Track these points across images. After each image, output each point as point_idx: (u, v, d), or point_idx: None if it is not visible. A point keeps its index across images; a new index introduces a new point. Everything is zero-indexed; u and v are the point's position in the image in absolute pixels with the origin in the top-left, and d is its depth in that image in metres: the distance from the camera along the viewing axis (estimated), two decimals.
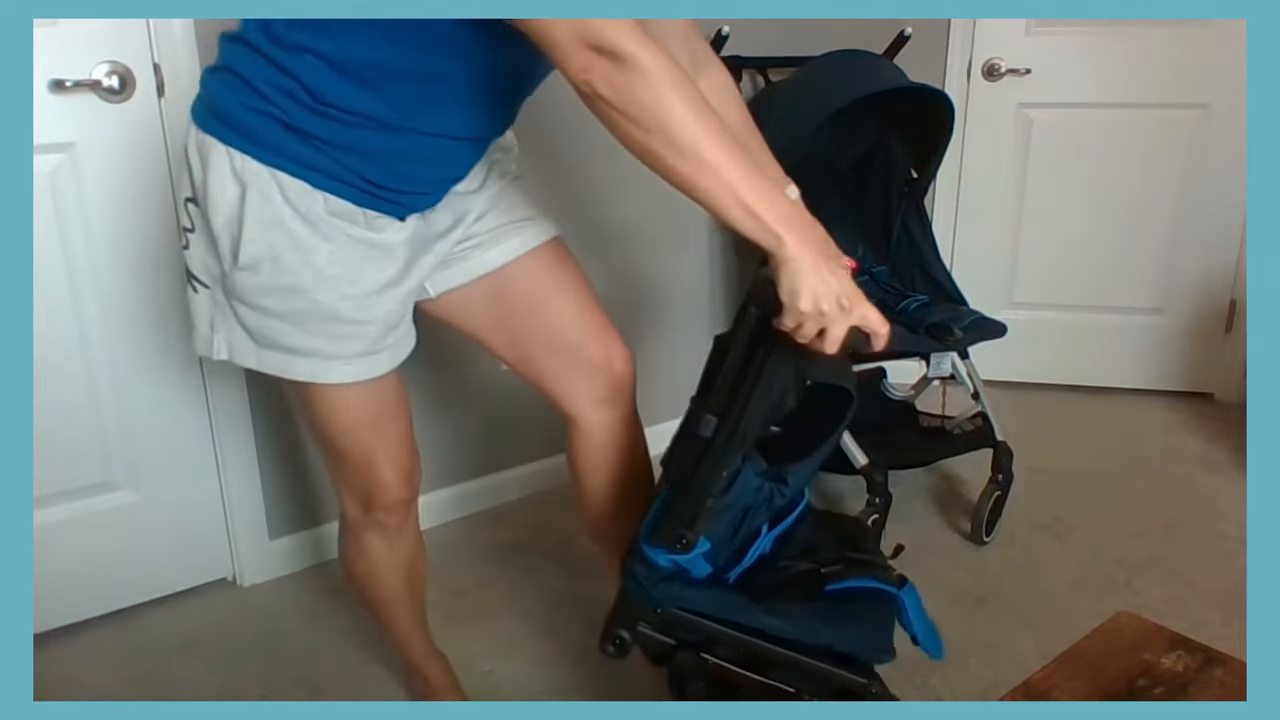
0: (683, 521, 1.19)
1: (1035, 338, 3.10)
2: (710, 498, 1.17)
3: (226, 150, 1.17)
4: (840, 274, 1.07)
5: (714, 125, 1.04)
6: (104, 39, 1.77)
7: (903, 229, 2.53)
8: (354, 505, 1.46)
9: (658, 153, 1.03)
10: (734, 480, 1.17)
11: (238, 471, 2.11)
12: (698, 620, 1.25)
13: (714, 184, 1.04)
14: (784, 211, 1.06)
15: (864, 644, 1.28)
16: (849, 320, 1.07)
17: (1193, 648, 1.17)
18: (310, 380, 1.28)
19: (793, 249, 1.05)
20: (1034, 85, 2.94)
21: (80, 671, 1.90)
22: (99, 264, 1.87)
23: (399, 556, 1.53)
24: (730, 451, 1.16)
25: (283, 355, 1.26)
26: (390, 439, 1.39)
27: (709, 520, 1.19)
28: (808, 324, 1.08)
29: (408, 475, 1.43)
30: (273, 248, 1.19)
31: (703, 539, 1.20)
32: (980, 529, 2.29)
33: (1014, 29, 2.91)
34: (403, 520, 1.48)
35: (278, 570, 2.21)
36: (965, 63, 2.96)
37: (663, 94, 1.01)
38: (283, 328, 1.24)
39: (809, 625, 1.25)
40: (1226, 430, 2.88)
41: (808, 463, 1.25)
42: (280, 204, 1.17)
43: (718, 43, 2.48)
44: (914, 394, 2.60)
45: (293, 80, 1.14)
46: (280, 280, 1.20)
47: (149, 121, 1.83)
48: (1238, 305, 3.00)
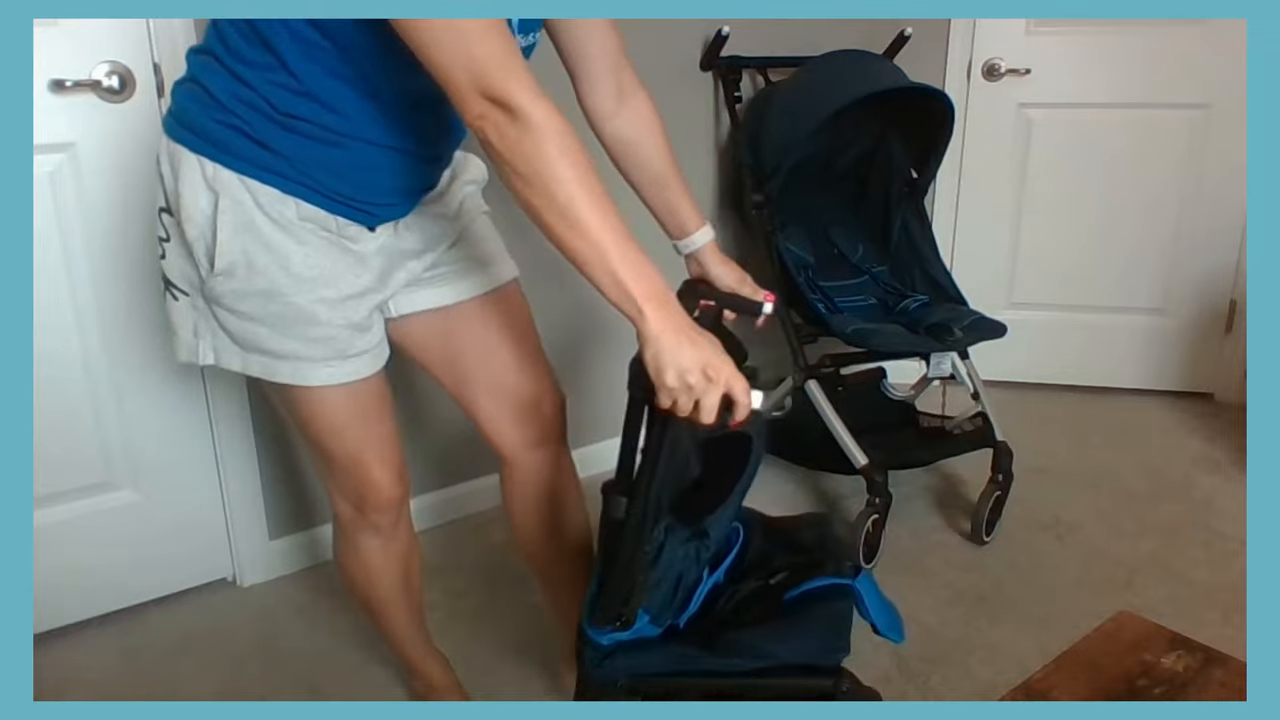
0: (617, 602, 1.21)
1: (1035, 338, 3.10)
2: (639, 575, 1.19)
3: (197, 159, 1.20)
4: (703, 344, 1.08)
5: (594, 190, 1.05)
6: (104, 39, 1.77)
7: (903, 229, 2.53)
8: (346, 506, 1.47)
9: (537, 208, 1.05)
10: (658, 555, 1.18)
11: (238, 471, 2.11)
12: (656, 679, 1.27)
13: (586, 247, 1.05)
14: (649, 286, 1.06)
15: (818, 649, 1.28)
16: (718, 389, 1.08)
17: (1193, 648, 1.17)
18: (291, 383, 1.29)
19: (653, 324, 1.06)
20: (1034, 85, 2.94)
21: (80, 671, 1.90)
22: (99, 263, 1.87)
23: (393, 555, 1.54)
24: (646, 529, 1.17)
25: (265, 358, 1.28)
26: (376, 439, 1.40)
27: (642, 595, 1.20)
28: (680, 398, 1.08)
29: (398, 474, 1.45)
30: (247, 253, 1.21)
31: (640, 611, 1.21)
32: (980, 529, 2.29)
33: (1014, 29, 2.91)
34: (396, 519, 1.49)
35: (277, 570, 2.21)
36: (965, 63, 2.96)
37: (547, 152, 1.03)
38: (260, 330, 1.26)
39: (762, 649, 1.26)
40: (1226, 430, 2.88)
41: (724, 510, 1.26)
42: (253, 209, 1.20)
43: (718, 43, 2.48)
44: (914, 394, 2.59)
45: (252, 92, 1.17)
46: (255, 284, 1.23)
47: (149, 121, 1.83)
48: (1238, 305, 3.00)
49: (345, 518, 1.49)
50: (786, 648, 1.26)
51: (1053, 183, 3.03)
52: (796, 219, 2.54)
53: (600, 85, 1.37)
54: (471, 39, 1.02)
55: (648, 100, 1.41)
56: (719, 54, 2.51)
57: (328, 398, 1.32)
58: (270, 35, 1.14)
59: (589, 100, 1.39)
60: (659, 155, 1.41)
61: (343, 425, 1.36)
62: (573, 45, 1.34)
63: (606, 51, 1.36)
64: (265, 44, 1.15)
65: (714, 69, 2.56)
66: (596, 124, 1.40)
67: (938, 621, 2.03)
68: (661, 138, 1.42)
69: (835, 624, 1.30)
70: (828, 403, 2.30)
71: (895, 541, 2.29)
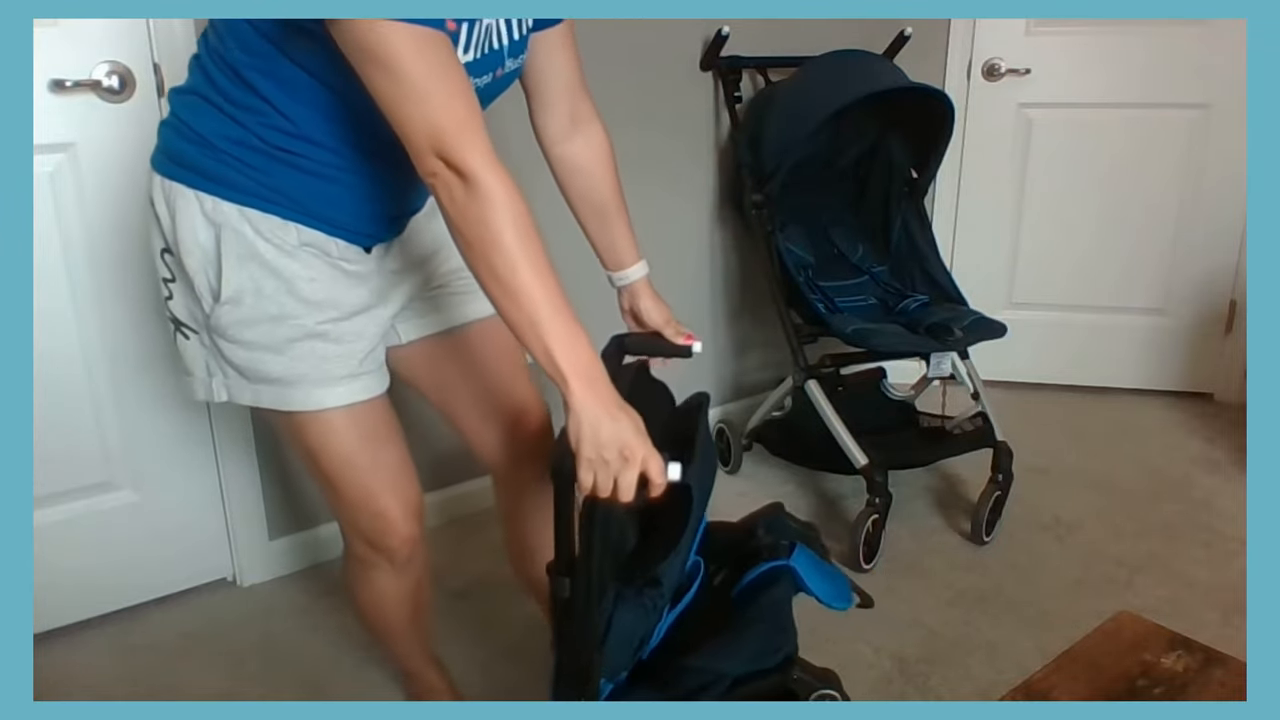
0: (576, 684, 1.20)
1: (1035, 338, 3.10)
2: (592, 651, 1.18)
3: (195, 194, 1.21)
4: (624, 423, 1.08)
5: (536, 261, 1.06)
6: (104, 39, 1.77)
7: (903, 229, 2.53)
8: (361, 545, 1.44)
9: (478, 269, 1.07)
10: (608, 629, 1.18)
11: (237, 471, 2.11)
12: None
13: (520, 315, 1.06)
14: (578, 361, 1.07)
15: (760, 652, 1.28)
16: (633, 469, 1.08)
17: (1193, 648, 1.17)
18: (304, 409, 1.27)
19: (577, 399, 1.07)
20: (1034, 85, 2.94)
21: (80, 671, 1.90)
22: (99, 264, 1.87)
23: (406, 588, 1.50)
24: (591, 605, 1.17)
25: (275, 388, 1.26)
26: (386, 468, 1.36)
27: (599, 671, 1.19)
28: (598, 473, 1.09)
29: (413, 508, 1.40)
30: (253, 279, 1.22)
31: (603, 683, 1.21)
32: (980, 529, 2.29)
33: (1014, 29, 2.91)
34: (411, 554, 1.44)
35: (277, 570, 2.21)
36: (965, 63, 2.96)
37: (494, 220, 1.04)
38: (267, 358, 1.25)
39: (709, 670, 1.25)
40: (1226, 430, 2.88)
41: (675, 557, 1.25)
42: (254, 238, 1.21)
43: (718, 43, 2.48)
44: (914, 394, 2.60)
45: (245, 131, 1.18)
46: (264, 310, 1.23)
47: (149, 121, 1.83)
48: (1238, 305, 3.00)
49: (358, 553, 1.46)
50: (732, 662, 1.26)
51: (1053, 183, 3.03)
52: (796, 219, 2.54)
53: (554, 108, 1.38)
54: (434, 104, 1.03)
55: (601, 132, 1.42)
56: (719, 54, 2.51)
57: (337, 423, 1.29)
58: (255, 80, 1.15)
59: (540, 119, 1.39)
60: (605, 187, 1.42)
61: (352, 452, 1.33)
62: (532, 65, 1.34)
63: (563, 76, 1.36)
64: (251, 88, 1.16)
65: (714, 69, 2.56)
66: (546, 145, 1.41)
67: (938, 621, 2.03)
68: (609, 170, 1.42)
69: (775, 619, 1.30)
70: (828, 403, 2.30)
71: (895, 541, 2.29)
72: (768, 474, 2.64)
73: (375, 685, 1.86)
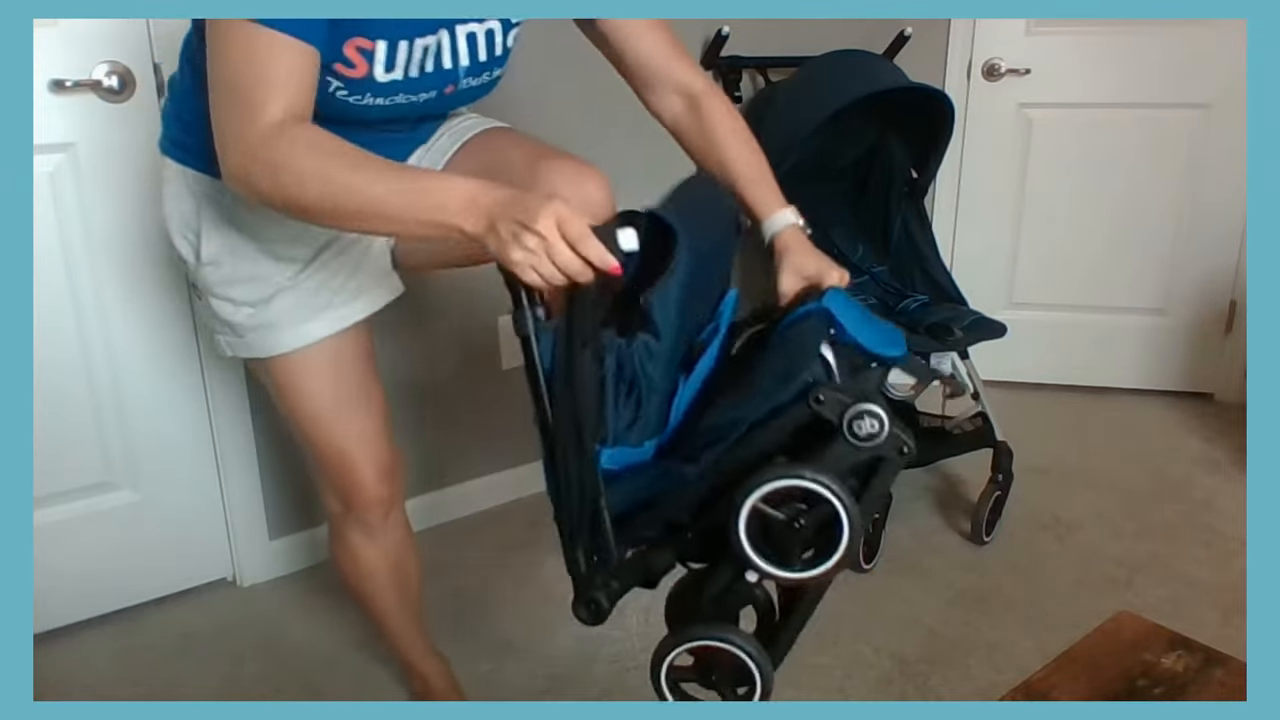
0: (576, 443, 1.05)
1: (1035, 338, 3.10)
2: (585, 415, 1.04)
3: (180, 169, 1.30)
4: (521, 195, 1.00)
5: (347, 166, 1.03)
6: (104, 39, 1.77)
7: (903, 229, 2.53)
8: (334, 501, 1.51)
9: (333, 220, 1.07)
10: (603, 383, 1.04)
11: (238, 471, 2.11)
12: (647, 511, 1.11)
13: (374, 217, 1.04)
14: (445, 198, 1.01)
15: (776, 381, 1.06)
16: (559, 240, 0.97)
17: (1193, 648, 1.17)
18: (292, 348, 1.34)
19: (472, 228, 1.00)
20: (1034, 85, 2.94)
21: (80, 671, 1.90)
22: (99, 264, 1.87)
23: (382, 553, 1.55)
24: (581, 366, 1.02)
25: (259, 335, 1.34)
26: (361, 432, 1.43)
27: (597, 429, 1.06)
28: (529, 257, 0.97)
29: (385, 473, 1.46)
30: (228, 241, 1.31)
31: (605, 451, 1.07)
32: (980, 529, 2.29)
33: (1014, 29, 2.91)
34: (383, 518, 1.50)
35: (277, 570, 2.21)
36: (965, 63, 2.96)
37: (293, 167, 1.03)
38: (249, 311, 1.33)
39: (728, 420, 1.07)
40: (1226, 430, 2.88)
41: (665, 289, 1.06)
42: (233, 206, 1.29)
43: (718, 43, 2.48)
44: (914, 394, 2.59)
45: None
46: (242, 270, 1.31)
47: (149, 121, 1.82)
48: (1238, 305, 3.00)
49: (334, 512, 1.54)
50: (745, 407, 1.07)
51: (1053, 183, 3.03)
52: None
53: (657, 92, 1.33)
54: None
55: (718, 103, 1.33)
56: (719, 54, 2.51)
57: (312, 362, 1.36)
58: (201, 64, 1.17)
59: (652, 107, 1.35)
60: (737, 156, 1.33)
61: (325, 398, 1.39)
62: (621, 58, 1.31)
63: (655, 59, 1.31)
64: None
65: (714, 69, 2.55)
66: (669, 128, 1.35)
67: (938, 621, 2.03)
68: (738, 139, 1.33)
69: (790, 348, 1.10)
70: None
71: (895, 541, 2.29)
72: None
73: (375, 685, 1.86)
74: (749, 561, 1.04)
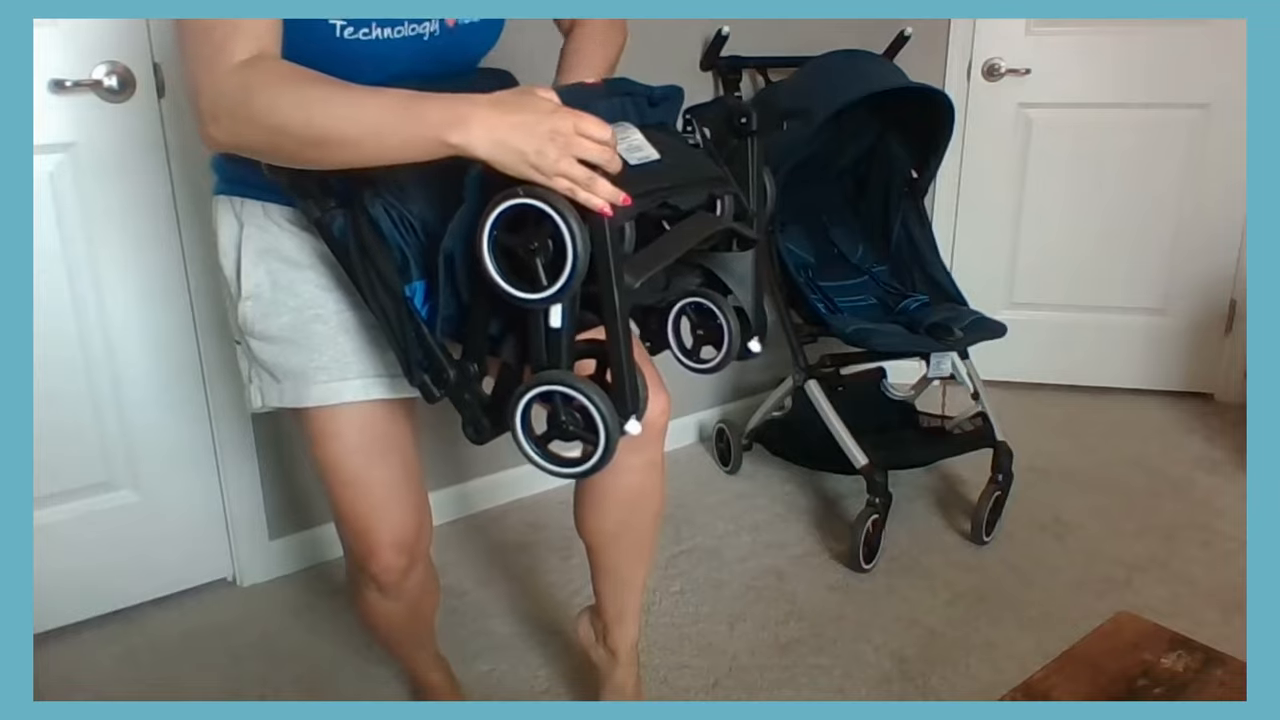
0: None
1: (1035, 338, 3.10)
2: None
3: (228, 200, 1.27)
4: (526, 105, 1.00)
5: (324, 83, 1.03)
6: (104, 39, 1.77)
7: (903, 229, 2.53)
8: (350, 561, 1.44)
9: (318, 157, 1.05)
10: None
11: (238, 471, 2.11)
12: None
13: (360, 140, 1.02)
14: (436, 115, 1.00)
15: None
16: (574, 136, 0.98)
17: (1193, 648, 1.17)
18: (320, 403, 1.26)
19: (468, 140, 0.99)
20: (1034, 85, 2.94)
21: (80, 671, 1.90)
22: (99, 264, 1.87)
23: (399, 607, 1.46)
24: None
25: (295, 383, 1.26)
26: (384, 503, 1.33)
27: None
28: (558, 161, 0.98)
29: (403, 547, 1.34)
30: (270, 272, 1.24)
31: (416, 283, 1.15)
32: (980, 529, 2.29)
33: (1014, 29, 2.91)
34: (398, 583, 1.38)
35: (277, 570, 2.21)
36: (965, 63, 2.96)
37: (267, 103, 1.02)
38: (289, 351, 1.25)
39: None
40: (1226, 430, 2.88)
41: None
42: (278, 233, 1.24)
43: (718, 43, 2.48)
44: (914, 394, 2.60)
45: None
46: (283, 302, 1.24)
47: (149, 121, 1.83)
48: (1238, 305, 3.00)
49: (349, 568, 1.48)
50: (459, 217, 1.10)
51: (1052, 182, 3.03)
52: (796, 219, 2.54)
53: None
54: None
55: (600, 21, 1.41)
56: (719, 54, 2.51)
57: (343, 423, 1.27)
58: None
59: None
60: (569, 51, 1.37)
61: (349, 462, 1.29)
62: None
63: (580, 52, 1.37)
64: None
65: (714, 69, 2.56)
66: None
67: (938, 621, 2.03)
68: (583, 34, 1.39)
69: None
70: (828, 403, 2.30)
71: (895, 541, 2.29)
72: (768, 474, 2.64)
73: (375, 685, 1.86)
74: (502, 290, 1.06)
